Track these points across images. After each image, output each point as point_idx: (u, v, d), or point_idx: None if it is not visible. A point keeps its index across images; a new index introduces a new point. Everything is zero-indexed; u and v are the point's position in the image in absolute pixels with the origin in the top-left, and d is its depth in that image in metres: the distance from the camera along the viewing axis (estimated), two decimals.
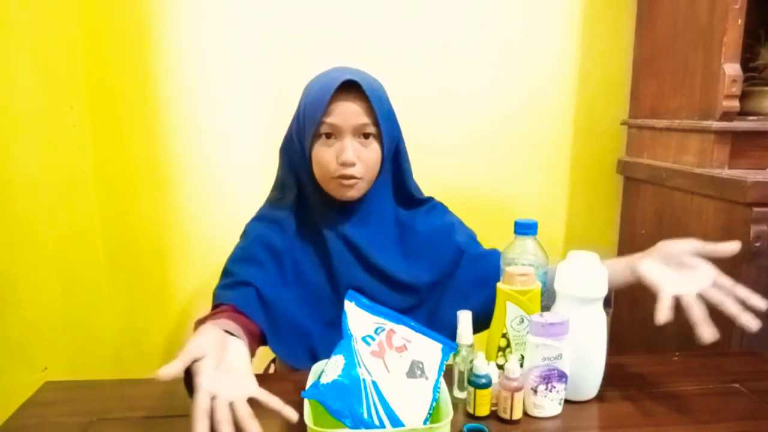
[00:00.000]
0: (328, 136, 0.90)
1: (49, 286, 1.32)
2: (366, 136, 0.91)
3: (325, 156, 0.90)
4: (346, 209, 0.96)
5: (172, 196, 1.43)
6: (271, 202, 1.03)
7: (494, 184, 1.51)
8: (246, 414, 0.60)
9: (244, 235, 1.01)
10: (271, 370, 1.12)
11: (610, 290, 0.81)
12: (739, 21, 1.11)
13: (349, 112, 0.88)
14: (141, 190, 1.42)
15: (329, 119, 0.88)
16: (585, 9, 1.46)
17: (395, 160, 0.98)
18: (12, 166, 1.24)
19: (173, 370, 0.62)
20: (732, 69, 1.13)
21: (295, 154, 0.96)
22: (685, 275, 0.80)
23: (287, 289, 0.95)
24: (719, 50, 1.13)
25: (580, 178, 1.55)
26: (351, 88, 0.88)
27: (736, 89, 1.13)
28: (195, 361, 0.64)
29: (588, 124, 1.52)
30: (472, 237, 1.04)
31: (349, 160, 0.88)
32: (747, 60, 1.25)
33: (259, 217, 1.02)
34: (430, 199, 1.05)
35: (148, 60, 1.36)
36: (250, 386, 0.65)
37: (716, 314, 1.14)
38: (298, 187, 0.97)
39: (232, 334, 0.78)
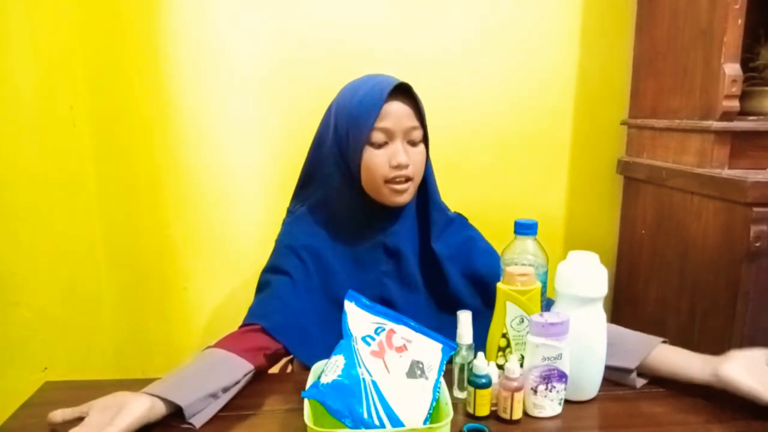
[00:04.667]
0: (379, 141, 0.90)
1: (49, 286, 1.32)
2: (415, 141, 0.92)
3: (377, 161, 0.90)
4: (387, 217, 0.96)
5: (172, 195, 1.43)
6: (299, 212, 1.01)
7: (494, 184, 1.51)
8: None
9: (275, 248, 1.01)
10: (288, 370, 1.13)
11: (656, 370, 0.82)
12: (739, 21, 1.11)
13: (400, 115, 0.90)
14: (141, 189, 1.42)
15: (382, 124, 0.89)
16: (585, 9, 1.46)
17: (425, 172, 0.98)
18: (12, 166, 1.25)
19: (58, 417, 0.70)
20: (732, 69, 1.13)
21: (332, 163, 0.95)
22: None
23: (314, 300, 0.95)
24: (719, 50, 1.13)
25: (580, 178, 1.55)
26: (397, 92, 0.90)
27: (736, 89, 1.13)
28: (81, 417, 0.69)
29: (588, 124, 1.52)
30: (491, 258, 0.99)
31: (404, 161, 0.89)
32: (747, 60, 1.25)
33: (288, 229, 1.01)
34: (454, 214, 1.05)
35: (149, 60, 1.36)
36: None
37: (716, 313, 1.14)
38: (332, 196, 0.97)
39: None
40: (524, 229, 0.87)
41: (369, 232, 0.96)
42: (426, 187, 0.99)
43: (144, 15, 1.34)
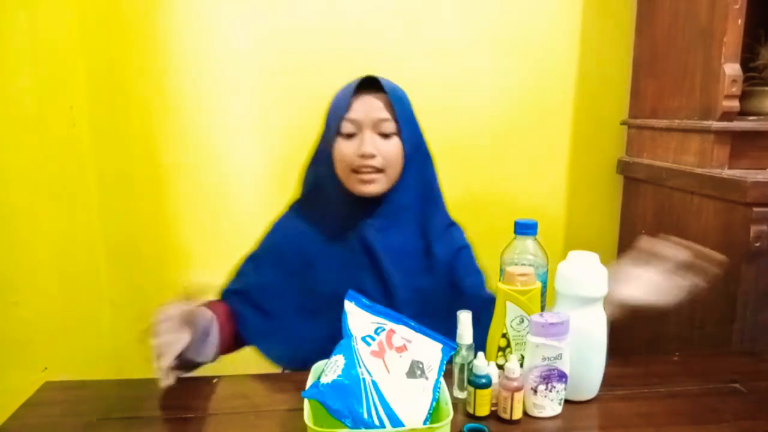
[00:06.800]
0: (350, 133, 0.93)
1: (49, 286, 1.33)
2: (386, 134, 0.93)
3: (345, 150, 0.93)
4: (370, 210, 0.97)
5: (171, 195, 1.43)
6: (295, 205, 1.06)
7: (494, 184, 1.51)
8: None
9: (265, 234, 1.05)
10: None
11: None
12: (739, 21, 1.11)
13: (368, 107, 0.92)
14: (141, 189, 1.42)
15: (350, 115, 0.92)
16: (585, 9, 1.46)
17: (421, 171, 1.00)
18: (12, 167, 1.25)
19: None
20: (732, 69, 1.13)
21: (321, 158, 0.98)
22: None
23: (288, 293, 0.98)
24: (719, 50, 1.13)
25: (580, 178, 1.55)
26: (371, 88, 0.93)
27: (736, 89, 1.13)
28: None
29: (588, 124, 1.52)
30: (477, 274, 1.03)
31: (368, 151, 0.90)
32: (747, 60, 1.25)
33: (283, 218, 1.06)
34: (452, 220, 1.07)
35: (148, 60, 1.36)
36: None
37: (716, 313, 1.14)
38: (323, 192, 1.00)
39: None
40: (524, 229, 0.87)
41: (348, 224, 0.98)
42: (429, 187, 1.00)
43: (144, 15, 1.34)
